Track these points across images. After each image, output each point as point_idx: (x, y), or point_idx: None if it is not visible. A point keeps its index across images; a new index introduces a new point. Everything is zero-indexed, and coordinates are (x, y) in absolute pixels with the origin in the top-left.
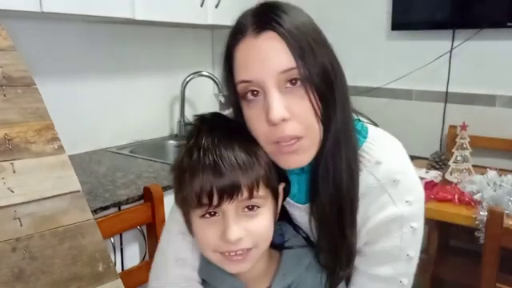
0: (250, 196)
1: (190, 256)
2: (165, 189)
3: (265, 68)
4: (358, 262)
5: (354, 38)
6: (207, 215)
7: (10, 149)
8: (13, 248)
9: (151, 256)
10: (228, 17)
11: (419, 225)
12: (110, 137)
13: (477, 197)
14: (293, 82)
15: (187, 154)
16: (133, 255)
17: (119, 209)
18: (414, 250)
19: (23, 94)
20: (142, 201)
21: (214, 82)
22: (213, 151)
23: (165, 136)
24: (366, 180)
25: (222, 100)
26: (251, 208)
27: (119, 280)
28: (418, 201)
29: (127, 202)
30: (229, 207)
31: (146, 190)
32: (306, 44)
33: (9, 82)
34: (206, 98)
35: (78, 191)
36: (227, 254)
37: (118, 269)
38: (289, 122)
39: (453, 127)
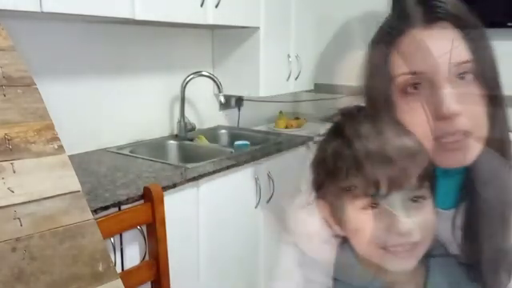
0: (420, 185)
1: (317, 229)
2: (165, 189)
3: (438, 59)
4: None
5: (353, 37)
6: (369, 207)
7: (10, 149)
8: (13, 248)
9: (151, 256)
10: (228, 17)
11: None
12: (109, 137)
13: None
14: (461, 76)
15: (346, 143)
16: (133, 255)
17: (119, 209)
18: None
19: (23, 94)
20: (142, 201)
21: (214, 81)
22: (377, 138)
23: (165, 136)
24: None
25: (222, 100)
26: (416, 199)
27: (119, 280)
28: None
29: (127, 202)
30: (396, 197)
31: (146, 189)
32: (480, 36)
33: (9, 82)
34: (206, 98)
35: (78, 191)
36: (393, 249)
37: (118, 269)
38: (459, 117)
39: None
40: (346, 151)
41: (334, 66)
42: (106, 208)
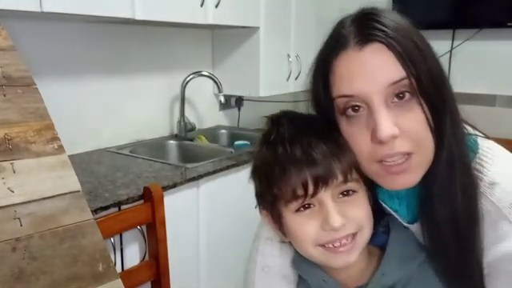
0: (345, 180)
1: (277, 262)
2: (165, 189)
3: (371, 82)
4: None
5: None
6: (302, 208)
7: (10, 149)
8: (13, 248)
9: (151, 256)
10: (228, 17)
11: None
12: (110, 137)
13: None
14: (400, 95)
15: (271, 150)
16: (133, 255)
17: (119, 209)
18: None
19: (23, 94)
20: (142, 201)
21: (214, 81)
22: (300, 141)
23: (165, 136)
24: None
25: (222, 100)
26: (346, 194)
27: (119, 280)
28: None
29: (127, 201)
30: (325, 195)
31: (146, 189)
32: (415, 51)
33: (9, 81)
34: (206, 98)
35: (78, 191)
36: (331, 246)
37: (118, 269)
38: (398, 138)
39: None
40: (272, 158)
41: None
42: (106, 208)
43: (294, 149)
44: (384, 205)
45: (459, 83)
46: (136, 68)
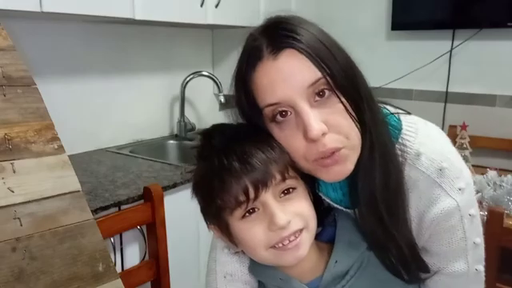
0: (283, 179)
1: (238, 269)
2: (165, 189)
3: (291, 86)
4: (430, 261)
5: (353, 37)
6: (247, 214)
7: (10, 149)
8: (13, 248)
9: (151, 256)
10: (228, 17)
11: (476, 209)
12: (110, 137)
13: (477, 197)
14: (320, 94)
15: (208, 164)
16: (133, 255)
17: (119, 209)
18: (479, 236)
19: (23, 94)
20: (142, 201)
21: (214, 81)
22: (234, 150)
23: (165, 136)
24: (409, 174)
25: (222, 100)
26: (287, 192)
27: (119, 280)
28: (469, 185)
29: (127, 201)
30: (266, 196)
31: (146, 189)
32: (325, 51)
33: (9, 81)
34: (206, 98)
35: (78, 191)
36: (281, 244)
37: (118, 269)
38: (328, 134)
39: (453, 127)
40: (210, 171)
41: None
42: (106, 208)
43: (230, 159)
44: (327, 199)
45: (459, 83)
46: (136, 68)
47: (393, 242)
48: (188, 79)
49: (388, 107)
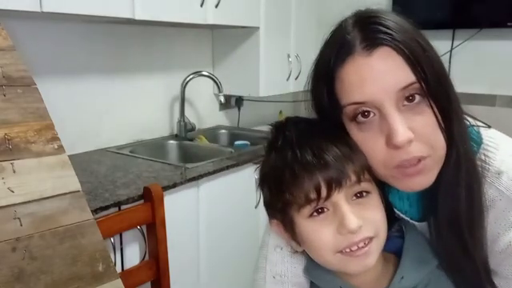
0: (359, 180)
1: (288, 270)
2: (165, 189)
3: (382, 87)
4: (498, 283)
5: None
6: (315, 213)
7: (10, 149)
8: (13, 248)
9: (151, 256)
10: (228, 17)
11: None
12: (109, 137)
13: None
14: (410, 98)
15: (280, 155)
16: (133, 255)
17: (119, 209)
18: None
19: (23, 94)
20: (142, 201)
21: (214, 81)
22: (309, 144)
23: (165, 136)
24: (486, 192)
25: (222, 100)
26: (360, 195)
27: (119, 280)
28: None
29: (127, 201)
30: (339, 197)
31: (146, 189)
32: (422, 53)
33: (9, 81)
34: (206, 98)
35: (78, 191)
36: (349, 250)
37: (118, 269)
38: (413, 142)
39: None
40: (282, 163)
41: None
42: (106, 208)
43: (304, 152)
44: (394, 208)
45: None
46: (136, 68)
47: (470, 263)
48: (188, 79)
49: (468, 118)
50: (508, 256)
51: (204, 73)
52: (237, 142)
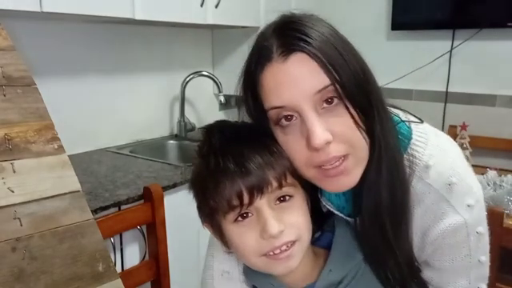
0: (280, 186)
1: (235, 267)
2: (165, 189)
3: (298, 91)
4: (431, 276)
5: (354, 37)
6: (240, 218)
7: (10, 149)
8: (13, 248)
9: (151, 256)
10: (228, 17)
11: (484, 227)
12: (109, 137)
13: None
14: (329, 100)
15: (204, 163)
16: (133, 255)
17: (119, 209)
18: (485, 254)
19: (23, 94)
20: (142, 201)
21: (214, 81)
22: (232, 152)
23: (165, 136)
24: (416, 187)
25: (222, 100)
26: (283, 199)
27: (119, 280)
28: (478, 202)
29: (127, 201)
30: (261, 203)
31: (146, 189)
32: (337, 57)
33: (9, 81)
34: (206, 98)
35: (78, 191)
36: (272, 253)
37: (118, 269)
38: (332, 143)
39: (453, 127)
40: (206, 171)
41: None
42: (106, 208)
43: (226, 160)
44: (328, 204)
45: (459, 83)
46: (136, 68)
47: (392, 257)
48: (188, 79)
49: (399, 113)
50: (438, 247)
51: (204, 73)
52: None
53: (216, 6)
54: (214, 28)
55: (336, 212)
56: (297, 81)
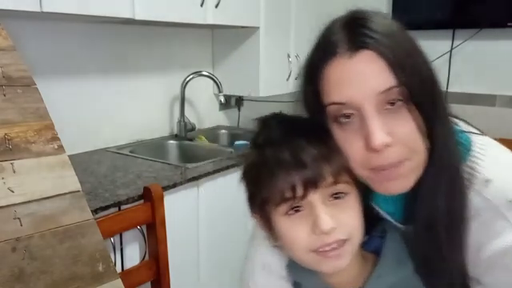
0: (335, 181)
1: (277, 262)
2: (165, 189)
3: (362, 90)
4: None
5: None
6: (291, 211)
7: (10, 149)
8: (13, 248)
9: (151, 256)
10: (228, 17)
11: None
12: (110, 137)
13: None
14: (392, 102)
15: (259, 153)
16: (133, 255)
17: (119, 209)
18: None
19: (23, 94)
20: (142, 201)
21: (214, 81)
22: (289, 144)
23: (165, 136)
24: (472, 200)
25: (222, 100)
26: (337, 196)
27: (119, 280)
28: None
29: (127, 201)
30: (314, 197)
31: (146, 189)
32: (406, 59)
33: (9, 81)
34: (206, 98)
35: (78, 191)
36: (322, 250)
37: (118, 269)
38: (391, 146)
39: None
40: (261, 161)
41: None
42: (106, 208)
43: (283, 151)
44: (378, 209)
45: (459, 83)
46: (136, 68)
47: (446, 270)
48: (188, 79)
49: (460, 123)
50: (491, 265)
51: (204, 73)
52: (237, 142)
53: (216, 6)
54: (214, 28)
55: (387, 217)
56: (362, 78)
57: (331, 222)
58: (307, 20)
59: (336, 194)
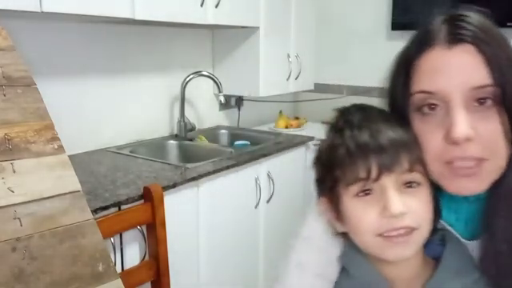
0: (411, 169)
1: (312, 259)
2: (165, 189)
3: (456, 82)
4: None
5: (354, 37)
6: (362, 193)
7: (10, 149)
8: (13, 248)
9: (151, 256)
10: (228, 17)
11: None
12: (110, 137)
13: None
14: (481, 101)
15: (338, 134)
16: (133, 255)
17: (119, 209)
18: None
19: (23, 94)
20: (142, 201)
21: (214, 81)
22: (369, 127)
23: (165, 136)
24: None
25: (222, 100)
26: (410, 186)
27: (119, 280)
28: None
29: (127, 201)
30: (387, 181)
31: (146, 189)
32: (505, 60)
33: (9, 81)
34: (206, 98)
35: (78, 191)
36: (388, 235)
37: (118, 269)
38: (472, 142)
39: None
40: (338, 141)
41: (334, 65)
42: (106, 208)
43: (362, 133)
44: (440, 218)
45: None
46: (136, 68)
47: None
48: (188, 79)
49: None
50: None
51: (204, 73)
52: (237, 142)
53: (216, 6)
54: (214, 28)
55: (450, 228)
56: (457, 71)
57: (402, 206)
58: (307, 20)
59: (409, 182)
